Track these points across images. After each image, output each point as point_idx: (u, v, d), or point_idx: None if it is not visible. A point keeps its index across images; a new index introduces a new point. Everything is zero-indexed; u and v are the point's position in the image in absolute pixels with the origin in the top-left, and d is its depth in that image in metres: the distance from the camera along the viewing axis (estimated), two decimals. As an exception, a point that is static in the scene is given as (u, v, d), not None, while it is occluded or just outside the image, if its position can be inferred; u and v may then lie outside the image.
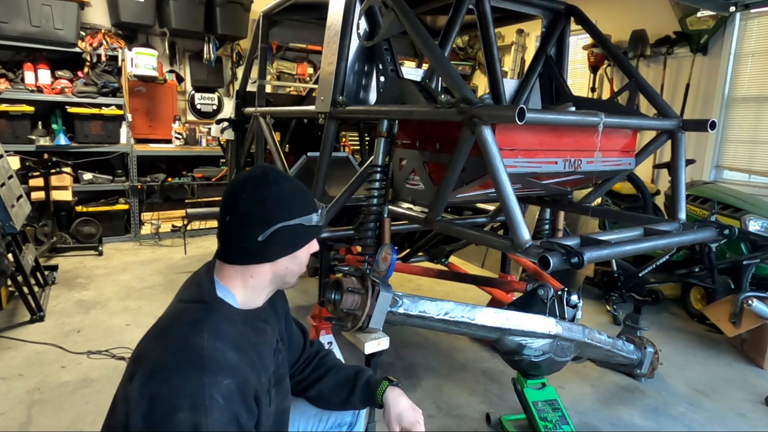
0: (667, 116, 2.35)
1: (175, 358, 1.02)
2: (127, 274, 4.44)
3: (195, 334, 1.05)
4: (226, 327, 1.09)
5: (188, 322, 1.09)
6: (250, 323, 1.17)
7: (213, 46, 5.82)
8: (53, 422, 2.35)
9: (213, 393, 0.97)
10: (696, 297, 3.90)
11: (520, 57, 6.59)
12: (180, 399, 0.96)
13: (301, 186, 1.23)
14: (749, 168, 4.65)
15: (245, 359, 1.08)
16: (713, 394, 2.83)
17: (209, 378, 0.98)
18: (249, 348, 1.12)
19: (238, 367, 1.05)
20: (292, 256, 1.18)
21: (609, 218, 3.95)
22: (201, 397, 0.96)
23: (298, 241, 1.18)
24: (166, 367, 1.00)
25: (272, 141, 3.22)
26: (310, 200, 1.21)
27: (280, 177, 1.19)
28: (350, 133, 5.83)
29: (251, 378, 1.07)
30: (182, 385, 0.97)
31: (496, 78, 2.50)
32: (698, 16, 4.72)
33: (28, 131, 4.87)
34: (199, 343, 1.03)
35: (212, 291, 1.14)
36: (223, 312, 1.12)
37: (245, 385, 1.04)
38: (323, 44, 2.58)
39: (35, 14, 4.59)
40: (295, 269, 1.20)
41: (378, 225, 2.38)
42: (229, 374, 1.01)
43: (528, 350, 1.97)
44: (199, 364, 1.00)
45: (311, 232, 1.20)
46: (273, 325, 1.29)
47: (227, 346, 1.05)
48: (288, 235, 1.15)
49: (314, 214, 1.19)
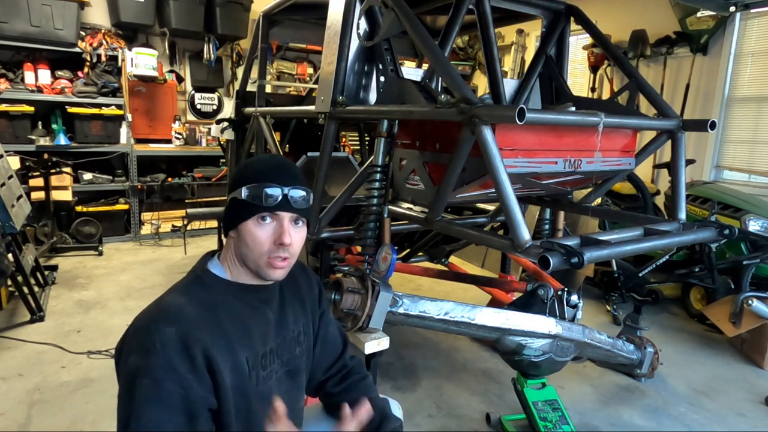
0: (667, 116, 2.35)
1: (143, 312, 1.11)
2: (127, 274, 4.44)
3: (169, 294, 1.14)
4: (200, 290, 1.15)
5: (172, 287, 1.17)
6: (239, 296, 1.18)
7: (213, 46, 5.82)
8: (53, 422, 2.35)
9: (154, 338, 1.01)
10: (696, 297, 3.90)
11: (520, 57, 6.59)
12: (132, 344, 1.04)
13: (264, 161, 1.23)
14: (749, 168, 4.65)
15: (209, 319, 1.09)
16: (713, 394, 2.83)
17: (154, 324, 1.04)
18: (226, 315, 1.13)
19: (189, 320, 1.07)
20: (238, 233, 1.16)
21: (609, 218, 3.95)
22: (145, 341, 1.02)
23: (234, 216, 1.16)
24: (136, 318, 1.10)
25: (272, 141, 3.22)
26: (253, 174, 1.16)
27: (260, 155, 1.21)
28: (350, 133, 5.82)
29: (203, 335, 1.06)
30: (135, 332, 1.06)
31: (496, 78, 2.50)
32: (698, 16, 4.72)
33: (28, 131, 4.87)
34: (166, 299, 1.12)
35: (203, 264, 1.21)
36: (206, 280, 1.17)
37: (189, 338, 1.03)
38: (323, 44, 2.58)
39: (35, 14, 4.59)
40: (245, 251, 1.15)
41: (378, 225, 2.38)
42: (174, 323, 1.05)
43: (528, 350, 1.98)
44: (155, 314, 1.07)
45: (244, 207, 1.14)
46: (289, 313, 1.28)
47: (190, 303, 1.10)
48: (231, 208, 1.17)
49: (244, 188, 1.14)
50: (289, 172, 1.20)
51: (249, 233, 1.15)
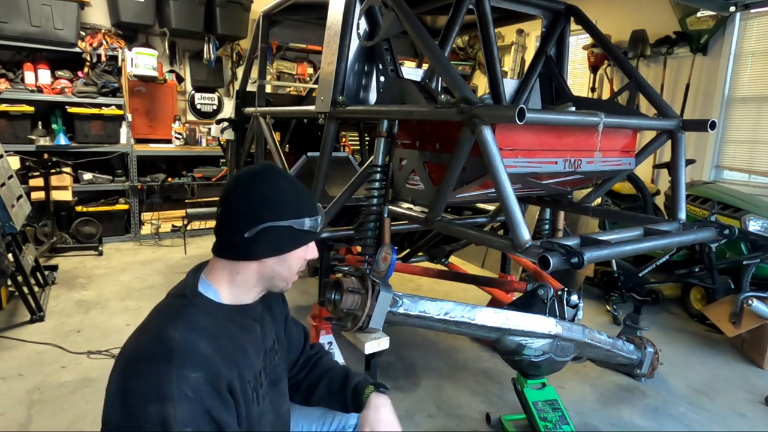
0: (667, 116, 2.35)
1: (147, 350, 1.03)
2: (127, 274, 4.43)
3: (168, 326, 1.05)
4: (203, 319, 1.09)
5: (165, 315, 1.10)
6: (233, 319, 1.15)
7: (213, 46, 5.82)
8: (53, 422, 2.35)
9: (181, 385, 0.96)
10: (696, 297, 3.90)
11: (520, 57, 6.59)
12: (149, 391, 0.96)
13: (300, 188, 1.21)
14: (749, 168, 4.65)
15: (221, 352, 1.07)
16: (713, 394, 2.83)
17: (177, 370, 0.97)
18: (228, 342, 1.11)
19: (210, 359, 1.03)
20: (281, 258, 1.16)
21: (609, 218, 3.95)
22: (169, 390, 0.95)
23: (286, 244, 1.16)
24: (139, 359, 1.02)
25: (272, 141, 3.22)
26: (306, 204, 1.18)
27: (277, 175, 1.18)
28: (350, 133, 5.82)
29: (224, 371, 1.05)
30: (151, 377, 0.98)
31: (496, 78, 2.50)
32: (698, 16, 4.72)
33: (28, 131, 4.87)
34: (171, 335, 1.03)
35: (194, 286, 1.15)
36: (202, 306, 1.12)
37: (218, 378, 1.02)
38: (323, 44, 2.58)
39: (35, 14, 4.59)
40: (284, 273, 1.17)
41: (378, 225, 2.38)
42: (198, 367, 1.00)
43: (528, 350, 1.97)
44: (168, 356, 0.99)
45: (301, 236, 1.17)
46: (267, 325, 1.27)
47: (201, 338, 1.05)
48: (275, 235, 1.13)
49: (307, 218, 1.16)
50: (313, 197, 1.29)
51: (297, 259, 1.18)
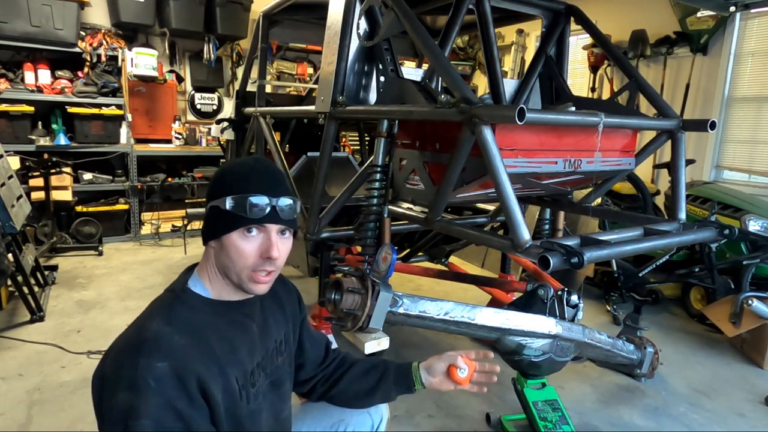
0: (667, 116, 2.36)
1: (124, 341, 1.04)
2: (127, 274, 4.43)
3: (150, 318, 1.05)
4: (185, 313, 1.08)
5: (152, 309, 1.10)
6: (222, 314, 1.13)
7: (213, 46, 5.81)
8: (53, 422, 2.34)
9: (145, 374, 0.95)
10: (696, 297, 3.90)
11: (520, 57, 6.59)
12: (119, 379, 0.97)
13: (248, 167, 1.13)
14: (749, 168, 4.66)
15: (198, 347, 1.04)
16: (713, 394, 2.83)
17: (144, 359, 0.97)
18: (212, 337, 1.08)
19: (179, 351, 1.01)
20: (220, 244, 1.10)
21: (609, 218, 3.95)
22: (133, 378, 0.95)
23: (215, 227, 1.10)
24: (115, 348, 1.03)
25: (272, 141, 3.22)
26: (238, 184, 1.09)
27: (244, 158, 1.16)
28: (350, 133, 5.83)
29: (196, 365, 1.01)
30: (121, 365, 0.99)
31: (496, 78, 2.50)
32: (698, 16, 4.72)
33: (28, 131, 4.86)
34: (148, 326, 1.03)
35: (184, 282, 1.14)
36: (188, 300, 1.11)
37: (183, 371, 0.99)
38: (323, 44, 2.58)
39: (35, 14, 4.59)
40: (227, 263, 1.10)
41: (378, 225, 2.38)
42: (164, 357, 0.98)
43: (528, 350, 1.97)
44: (138, 345, 1.00)
45: (229, 218, 1.07)
46: (271, 324, 1.25)
47: (176, 331, 1.03)
48: (210, 217, 1.11)
49: (228, 198, 1.07)
50: (275, 179, 1.13)
51: (233, 246, 1.08)
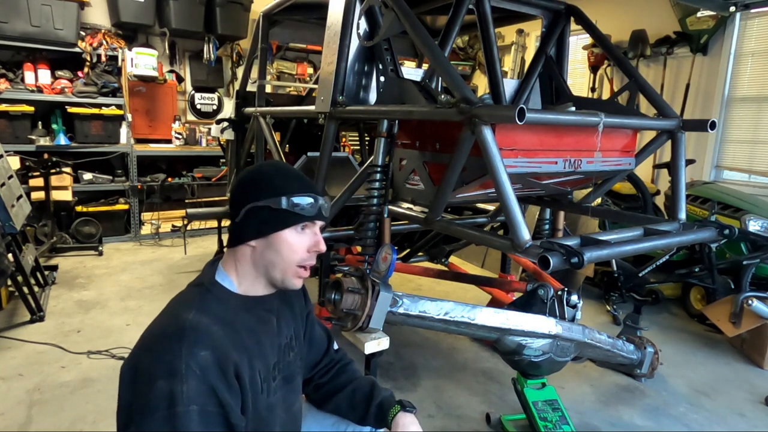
0: (667, 116, 2.35)
1: (160, 330, 1.06)
2: (127, 274, 4.43)
3: (184, 310, 1.08)
4: (217, 306, 1.11)
5: (183, 301, 1.13)
6: (249, 309, 1.17)
7: (213, 46, 5.82)
8: (53, 422, 2.34)
9: (189, 362, 0.98)
10: (696, 297, 3.90)
11: (520, 57, 6.60)
12: (158, 367, 0.98)
13: (288, 171, 1.20)
14: (749, 168, 4.65)
15: (232, 337, 1.08)
16: (713, 394, 2.83)
17: (186, 348, 0.99)
18: (242, 330, 1.12)
19: (219, 340, 1.05)
20: (267, 242, 1.14)
21: (609, 218, 3.95)
22: (178, 366, 0.97)
23: (267, 225, 1.13)
24: (151, 338, 1.06)
25: (272, 141, 3.22)
26: (289, 184, 1.15)
27: (266, 162, 1.19)
28: (350, 133, 5.83)
29: (233, 355, 1.05)
30: (161, 354, 1.00)
31: (496, 78, 2.50)
32: (698, 16, 4.72)
33: (28, 131, 4.87)
34: (185, 317, 1.06)
35: (211, 276, 1.17)
36: (218, 293, 1.14)
37: (224, 360, 1.03)
38: (323, 44, 2.58)
39: (35, 14, 4.59)
40: (275, 260, 1.14)
41: (378, 225, 2.38)
42: (207, 346, 1.02)
43: (528, 350, 1.97)
44: (179, 335, 1.02)
45: (282, 216, 1.13)
46: (284, 319, 1.27)
47: (212, 321, 1.07)
48: (256, 216, 1.13)
49: (284, 197, 1.12)
50: (311, 181, 1.22)
51: (285, 242, 1.14)
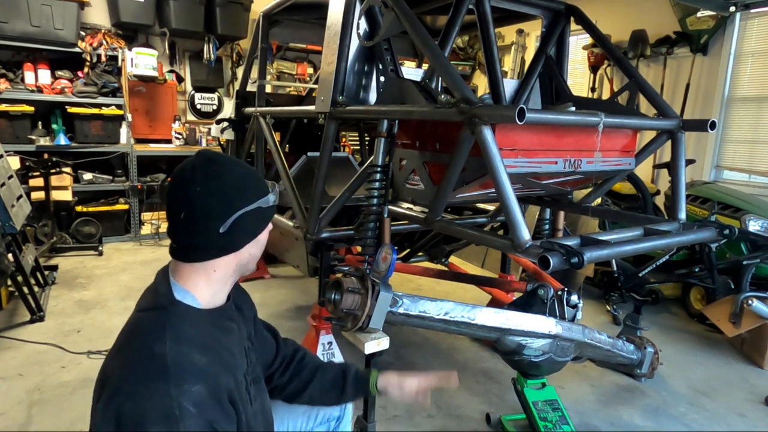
0: (667, 116, 2.35)
1: (138, 370, 0.96)
2: (127, 274, 4.43)
3: (155, 342, 0.99)
4: (189, 329, 1.04)
5: (147, 330, 1.03)
6: (215, 323, 1.12)
7: (213, 46, 5.82)
8: (53, 422, 2.34)
9: (182, 402, 0.92)
10: (696, 297, 3.90)
11: (520, 57, 6.60)
12: (148, 414, 0.91)
13: (249, 168, 1.21)
14: (749, 168, 4.66)
15: (216, 360, 1.04)
16: (713, 394, 2.83)
17: (175, 387, 0.93)
18: (219, 348, 1.08)
19: (207, 369, 1.00)
20: (256, 241, 1.18)
21: (609, 218, 3.94)
22: (170, 408, 0.91)
23: (259, 225, 1.17)
24: (129, 381, 0.95)
25: (272, 141, 3.22)
26: (262, 181, 1.20)
27: (227, 162, 1.14)
28: (350, 133, 5.83)
29: (224, 379, 1.02)
30: (149, 398, 0.92)
31: (496, 78, 2.50)
32: (698, 16, 4.72)
33: (28, 131, 4.87)
34: (162, 351, 0.97)
35: (170, 294, 1.08)
36: (184, 314, 1.06)
37: (217, 388, 0.99)
38: (323, 44, 2.58)
39: (35, 14, 4.59)
40: (257, 253, 1.20)
41: (378, 225, 2.38)
42: (197, 379, 0.96)
43: (528, 350, 1.97)
44: (164, 373, 0.94)
45: (269, 213, 1.19)
46: (240, 324, 1.25)
47: (193, 350, 1.00)
48: (249, 221, 1.13)
49: (270, 194, 1.18)
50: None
51: (265, 237, 1.21)
